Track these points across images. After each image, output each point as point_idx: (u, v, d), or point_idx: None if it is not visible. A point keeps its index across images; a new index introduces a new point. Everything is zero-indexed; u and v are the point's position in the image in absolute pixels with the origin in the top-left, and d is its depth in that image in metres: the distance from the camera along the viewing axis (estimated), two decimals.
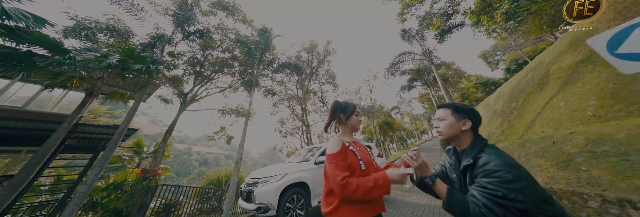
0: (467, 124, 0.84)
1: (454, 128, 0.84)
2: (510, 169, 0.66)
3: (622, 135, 2.76)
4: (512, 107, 7.60)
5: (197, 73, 9.01)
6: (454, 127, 0.85)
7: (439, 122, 0.89)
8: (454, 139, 0.87)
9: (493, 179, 0.67)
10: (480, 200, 0.68)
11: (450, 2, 11.42)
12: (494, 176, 0.67)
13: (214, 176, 10.33)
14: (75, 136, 5.61)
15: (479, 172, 0.73)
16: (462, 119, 0.84)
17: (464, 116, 0.85)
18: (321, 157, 3.94)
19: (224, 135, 11.71)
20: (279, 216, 3.08)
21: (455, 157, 0.92)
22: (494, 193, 0.65)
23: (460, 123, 0.84)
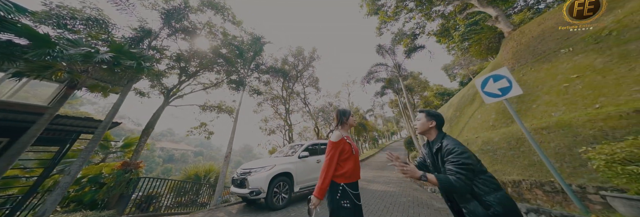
0: (433, 123, 1.26)
1: (425, 125, 1.27)
2: (460, 146, 1.07)
3: (497, 138, 4.23)
4: (456, 116, 9.53)
5: (182, 69, 8.90)
6: (425, 125, 1.27)
7: (417, 122, 1.32)
8: (425, 132, 1.28)
9: (453, 154, 1.04)
10: (454, 170, 1.00)
11: (417, 24, 13.42)
12: (453, 152, 1.05)
13: (192, 171, 10.21)
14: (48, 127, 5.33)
15: (445, 152, 1.09)
16: (430, 120, 1.27)
17: (432, 118, 1.27)
18: (304, 153, 4.72)
19: (205, 131, 11.56)
20: (268, 198, 3.78)
21: (428, 148, 1.30)
22: (457, 162, 1.00)
23: (429, 123, 1.26)
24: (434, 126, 1.26)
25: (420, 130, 1.29)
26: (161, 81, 8.47)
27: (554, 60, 4.68)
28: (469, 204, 1.02)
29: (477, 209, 0.97)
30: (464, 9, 11.32)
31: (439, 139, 1.20)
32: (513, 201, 0.99)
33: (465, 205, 1.04)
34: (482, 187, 1.00)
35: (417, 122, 1.31)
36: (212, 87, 10.66)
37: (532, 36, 6.09)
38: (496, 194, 0.98)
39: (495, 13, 8.64)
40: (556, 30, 5.33)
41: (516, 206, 0.99)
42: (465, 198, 1.03)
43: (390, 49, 11.35)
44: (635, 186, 1.49)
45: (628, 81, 2.91)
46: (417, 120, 1.34)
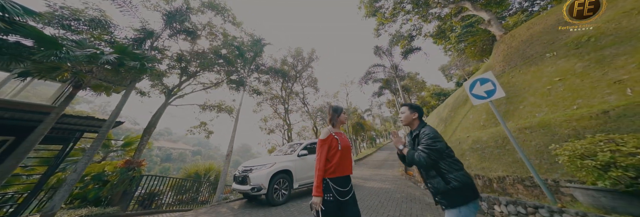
0: (415, 115, 1.45)
1: (410, 117, 1.45)
2: (434, 132, 1.28)
3: (485, 137, 4.46)
4: (451, 116, 9.79)
5: (183, 69, 9.02)
6: (409, 117, 1.45)
7: (401, 114, 1.49)
8: (409, 123, 1.45)
9: (426, 137, 1.26)
10: (420, 149, 1.24)
11: (414, 26, 13.66)
12: (426, 136, 1.27)
13: (192, 170, 10.36)
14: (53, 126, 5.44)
15: (421, 136, 1.30)
16: (413, 112, 1.45)
17: (414, 110, 1.46)
18: (303, 151, 4.91)
19: (204, 130, 11.69)
20: (268, 194, 3.96)
21: (410, 136, 1.48)
22: (425, 143, 1.24)
23: (412, 114, 1.44)
24: (417, 117, 1.43)
25: (405, 121, 1.45)
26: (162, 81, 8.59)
27: (540, 63, 4.94)
28: (433, 180, 1.23)
29: (440, 184, 1.19)
30: (459, 12, 11.60)
31: (420, 127, 1.38)
32: (470, 178, 1.22)
33: (431, 181, 1.25)
34: (447, 167, 1.21)
35: (402, 115, 1.47)
36: (213, 87, 10.79)
37: (522, 40, 6.36)
38: (457, 173, 1.18)
39: (488, 17, 8.91)
40: (543, 34, 5.59)
41: (472, 182, 1.21)
42: (431, 175, 1.25)
43: (388, 51, 11.58)
44: (591, 177, 1.71)
45: (602, 85, 3.16)
46: (401, 113, 1.49)
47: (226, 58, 9.07)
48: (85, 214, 4.55)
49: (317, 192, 1.29)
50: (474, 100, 3.15)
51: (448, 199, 1.17)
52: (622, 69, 3.02)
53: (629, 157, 1.49)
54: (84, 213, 4.57)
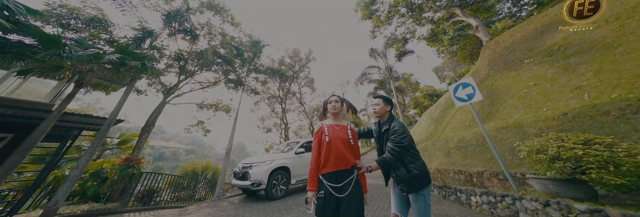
0: (389, 107, 1.52)
1: (384, 109, 1.50)
2: (402, 127, 1.36)
3: (469, 137, 4.85)
4: (441, 116, 10.26)
5: (182, 68, 9.07)
6: (383, 109, 1.50)
7: (376, 106, 1.52)
8: (382, 115, 1.52)
9: (396, 134, 1.34)
10: (390, 146, 1.31)
11: (408, 29, 14.11)
12: (395, 132, 1.35)
13: (189, 168, 10.47)
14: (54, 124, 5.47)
15: (391, 131, 1.37)
16: (387, 104, 1.51)
17: (388, 103, 1.51)
18: (300, 149, 5.17)
19: (202, 129, 11.76)
20: (267, 189, 4.21)
21: (378, 126, 1.55)
22: (396, 141, 1.32)
23: (386, 107, 1.51)
24: (389, 109, 1.52)
25: (380, 113, 1.51)
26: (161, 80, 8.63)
27: (519, 68, 5.37)
28: (398, 170, 1.36)
29: (403, 172, 1.33)
30: (451, 17, 12.08)
31: (389, 121, 1.46)
32: (426, 166, 1.40)
33: (395, 171, 1.38)
34: (410, 158, 1.37)
35: (377, 107, 1.52)
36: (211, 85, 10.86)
37: (505, 46, 6.81)
38: (417, 162, 1.35)
39: (476, 23, 9.39)
40: (523, 42, 6.04)
41: (427, 170, 1.40)
42: (396, 166, 1.37)
43: (382, 53, 11.94)
44: (543, 169, 2.06)
45: (566, 90, 3.56)
46: (375, 104, 1.54)
47: (225, 58, 9.19)
48: (87, 209, 4.66)
49: (310, 187, 1.25)
50: (457, 103, 3.49)
51: (410, 185, 1.30)
52: (582, 76, 3.43)
53: (569, 151, 1.83)
54: (86, 209, 4.68)
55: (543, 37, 5.37)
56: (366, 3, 13.23)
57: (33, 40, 4.17)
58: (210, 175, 10.27)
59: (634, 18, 3.25)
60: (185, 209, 4.18)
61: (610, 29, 3.51)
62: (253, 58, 8.54)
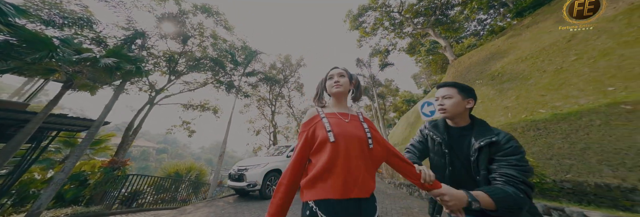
0: (471, 103, 0.81)
1: (460, 106, 0.80)
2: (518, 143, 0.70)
3: None
4: (416, 121, 11.57)
5: (172, 70, 8.93)
6: (460, 105, 0.80)
7: (444, 100, 0.83)
8: (456, 116, 0.82)
9: (519, 155, 0.66)
10: (517, 177, 0.63)
11: (390, 41, 15.55)
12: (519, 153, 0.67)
13: (171, 169, 10.17)
14: None
15: (508, 149, 0.68)
16: (467, 97, 0.82)
17: (468, 94, 0.82)
18: (291, 153, 5.71)
19: (185, 129, 11.51)
20: (262, 190, 4.67)
21: (446, 133, 0.85)
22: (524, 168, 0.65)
23: (466, 102, 0.81)
24: (472, 106, 0.85)
25: (452, 112, 0.84)
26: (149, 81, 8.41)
27: (474, 87, 6.62)
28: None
29: None
30: (426, 35, 13.66)
31: (483, 128, 0.80)
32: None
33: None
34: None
35: (446, 101, 0.85)
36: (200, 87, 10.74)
37: (464, 66, 8.18)
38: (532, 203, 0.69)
39: (444, 44, 10.89)
40: (477, 65, 7.38)
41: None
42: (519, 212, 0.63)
43: (367, 62, 13.04)
44: None
45: (500, 108, 4.69)
46: (444, 98, 0.86)
47: (217, 61, 9.26)
48: (71, 212, 4.58)
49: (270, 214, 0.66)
50: (423, 117, 4.36)
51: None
52: (509, 99, 4.58)
53: None
54: (69, 212, 4.60)
55: (489, 63, 6.70)
56: (354, 15, 14.23)
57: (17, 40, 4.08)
58: (194, 176, 10.16)
59: (540, 58, 4.47)
60: (183, 209, 4.42)
61: (527, 65, 4.74)
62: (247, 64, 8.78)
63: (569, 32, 4.48)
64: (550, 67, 4.24)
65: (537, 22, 6.31)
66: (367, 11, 14.05)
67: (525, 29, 6.59)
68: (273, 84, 11.57)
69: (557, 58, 4.27)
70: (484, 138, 0.74)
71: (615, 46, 3.20)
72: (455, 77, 8.28)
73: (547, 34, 5.23)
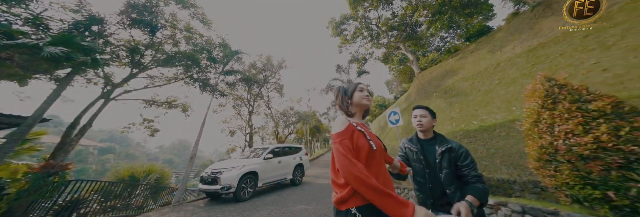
0: (435, 122, 1.23)
1: (430, 123, 1.19)
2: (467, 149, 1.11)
3: (397, 147, 6.73)
4: (386, 126, 12.75)
5: (136, 63, 8.02)
6: (430, 123, 1.19)
7: (421, 118, 1.19)
8: (427, 130, 1.21)
9: (470, 158, 1.08)
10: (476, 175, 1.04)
11: (367, 50, 16.82)
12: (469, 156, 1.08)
13: (125, 173, 9.01)
14: None
15: (459, 155, 1.07)
16: (434, 119, 1.21)
17: (434, 116, 1.22)
18: (268, 155, 5.82)
19: (147, 127, 10.31)
20: (237, 192, 4.70)
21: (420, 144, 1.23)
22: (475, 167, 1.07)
23: (433, 121, 1.21)
24: (435, 124, 1.23)
25: (426, 127, 1.19)
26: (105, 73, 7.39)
27: (430, 99, 7.79)
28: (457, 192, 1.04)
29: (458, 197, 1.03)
30: (397, 48, 15.21)
31: (442, 138, 1.18)
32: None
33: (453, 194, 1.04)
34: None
35: (423, 119, 1.19)
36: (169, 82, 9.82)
37: (426, 80, 9.52)
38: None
39: (412, 58, 12.39)
40: (435, 80, 8.72)
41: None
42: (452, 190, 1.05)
43: (346, 69, 13.86)
44: None
45: (448, 119, 5.73)
46: (421, 116, 1.19)
47: (191, 56, 8.66)
48: None
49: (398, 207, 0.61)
50: (389, 125, 5.05)
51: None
52: (454, 111, 5.65)
53: None
54: None
55: (444, 79, 8.01)
56: (336, 23, 14.96)
57: None
58: (154, 180, 9.23)
59: (477, 79, 5.67)
60: (146, 216, 4.16)
61: (469, 84, 5.94)
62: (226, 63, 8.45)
63: (495, 61, 5.80)
64: (482, 88, 5.42)
65: (478, 48, 7.84)
66: (349, 20, 14.93)
67: (470, 53, 8.11)
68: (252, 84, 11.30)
69: (487, 81, 5.48)
70: (443, 146, 1.11)
71: (519, 76, 4.37)
72: (418, 89, 9.56)
73: (483, 60, 6.61)
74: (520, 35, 5.78)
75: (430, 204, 1.12)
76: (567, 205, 1.76)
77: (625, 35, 2.91)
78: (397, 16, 13.89)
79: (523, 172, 2.73)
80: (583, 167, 1.55)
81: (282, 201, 4.71)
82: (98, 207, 6.20)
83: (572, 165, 1.62)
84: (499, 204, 2.27)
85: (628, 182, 1.33)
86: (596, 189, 1.48)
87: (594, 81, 2.80)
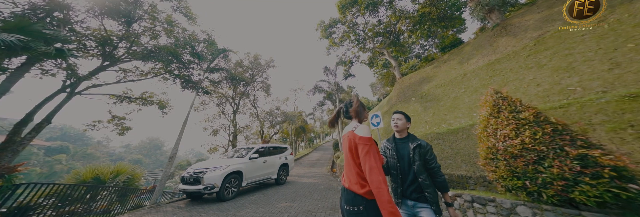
0: (409, 124, 1.51)
1: (405, 125, 1.47)
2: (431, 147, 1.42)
3: None
4: None
5: (107, 55, 7.35)
6: (405, 125, 1.47)
7: (398, 121, 1.48)
8: (402, 131, 1.48)
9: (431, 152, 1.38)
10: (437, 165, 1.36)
11: (354, 54, 17.48)
12: (430, 150, 1.38)
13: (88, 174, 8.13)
14: None
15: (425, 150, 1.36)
16: (408, 121, 1.50)
17: (409, 120, 1.51)
18: (254, 154, 5.82)
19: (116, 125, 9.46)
20: (220, 192, 4.66)
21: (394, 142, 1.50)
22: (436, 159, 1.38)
23: (407, 123, 1.49)
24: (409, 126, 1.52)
25: (401, 128, 1.46)
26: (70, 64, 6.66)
27: (409, 103, 8.45)
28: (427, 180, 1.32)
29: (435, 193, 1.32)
30: (382, 54, 16.06)
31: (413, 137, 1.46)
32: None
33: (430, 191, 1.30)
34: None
35: (399, 122, 1.46)
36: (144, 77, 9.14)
37: (406, 85, 10.28)
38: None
39: (394, 64, 13.24)
40: (413, 85, 9.49)
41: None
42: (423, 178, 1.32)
43: (333, 71, 14.22)
44: None
45: (422, 121, 6.33)
46: (398, 119, 1.48)
47: (172, 51, 8.19)
48: None
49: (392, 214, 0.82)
50: (372, 127, 5.45)
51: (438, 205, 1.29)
52: (429, 115, 6.27)
53: None
54: None
55: (421, 85, 8.77)
56: (325, 25, 15.27)
57: None
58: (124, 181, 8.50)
59: (448, 87, 6.37)
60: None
61: (441, 91, 6.65)
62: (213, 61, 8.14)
63: (462, 71, 6.58)
64: (452, 95, 6.12)
65: (450, 59, 8.75)
66: (337, 24, 15.35)
67: (443, 63, 9.01)
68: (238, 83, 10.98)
69: (456, 89, 6.21)
70: (415, 143, 1.40)
71: (480, 86, 5.08)
72: (399, 93, 10.27)
73: (454, 70, 7.43)
74: (483, 50, 6.65)
75: (400, 192, 1.39)
76: (502, 193, 2.22)
77: (552, 58, 3.65)
78: (383, 24, 14.69)
79: (477, 169, 3.24)
80: (513, 163, 1.98)
81: (266, 199, 4.80)
82: (54, 214, 5.59)
83: (506, 162, 2.06)
84: (455, 196, 2.71)
85: (537, 174, 1.77)
86: (519, 179, 1.91)
87: (530, 94, 3.46)
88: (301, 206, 4.10)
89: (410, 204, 1.33)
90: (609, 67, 2.65)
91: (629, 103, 2.09)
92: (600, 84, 2.59)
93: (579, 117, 2.38)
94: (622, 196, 1.37)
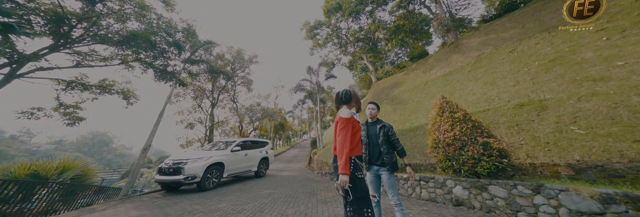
0: (378, 113, 1.97)
1: (376, 113, 1.92)
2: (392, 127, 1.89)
3: None
4: None
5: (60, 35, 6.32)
6: (376, 113, 1.92)
7: (372, 110, 1.90)
8: (373, 117, 1.93)
9: (392, 131, 1.83)
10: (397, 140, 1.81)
11: (336, 56, 18.25)
12: (392, 129, 1.84)
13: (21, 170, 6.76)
14: None
15: (387, 129, 1.83)
16: (378, 110, 1.94)
17: (378, 109, 1.96)
18: (236, 147, 5.87)
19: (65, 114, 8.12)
20: (201, 182, 4.65)
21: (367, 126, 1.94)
22: (395, 135, 1.83)
23: (378, 112, 1.95)
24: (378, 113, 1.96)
25: (373, 115, 1.90)
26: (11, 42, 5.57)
27: (382, 104, 9.42)
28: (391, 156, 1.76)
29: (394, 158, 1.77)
30: (361, 59, 17.14)
31: (380, 121, 1.92)
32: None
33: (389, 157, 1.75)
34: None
35: (373, 111, 1.90)
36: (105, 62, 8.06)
37: (380, 89, 11.35)
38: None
39: (371, 68, 14.37)
40: (385, 89, 10.58)
41: None
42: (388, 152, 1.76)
43: (316, 71, 14.62)
44: None
45: (390, 121, 7.24)
46: (371, 108, 1.90)
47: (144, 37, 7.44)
48: None
49: (345, 170, 1.18)
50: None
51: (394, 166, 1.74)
52: (398, 115, 7.21)
53: None
54: None
55: (392, 89, 9.86)
56: (311, 26, 15.54)
57: None
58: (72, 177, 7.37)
59: (414, 92, 7.43)
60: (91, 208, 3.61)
61: (408, 95, 7.70)
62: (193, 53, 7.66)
63: (425, 79, 7.75)
64: (416, 99, 7.18)
65: (417, 68, 10.04)
66: (322, 26, 15.77)
67: (412, 71, 10.28)
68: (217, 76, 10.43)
69: (419, 94, 7.29)
70: (381, 125, 1.86)
71: (436, 92, 6.17)
72: (374, 95, 11.29)
73: (419, 77, 8.64)
74: (440, 63, 7.93)
75: (368, 159, 1.83)
76: (439, 173, 2.97)
77: (484, 74, 4.79)
78: (363, 30, 15.69)
79: (427, 158, 4.07)
80: (447, 150, 2.70)
81: (247, 188, 4.97)
82: None
83: (443, 149, 2.78)
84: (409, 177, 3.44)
85: (460, 156, 2.51)
86: (450, 161, 2.65)
87: (468, 101, 4.49)
88: (282, 192, 4.43)
89: (375, 169, 1.79)
90: (513, 84, 3.70)
91: (518, 109, 3.04)
92: (508, 96, 3.61)
93: (492, 118, 3.30)
94: (500, 167, 2.14)
